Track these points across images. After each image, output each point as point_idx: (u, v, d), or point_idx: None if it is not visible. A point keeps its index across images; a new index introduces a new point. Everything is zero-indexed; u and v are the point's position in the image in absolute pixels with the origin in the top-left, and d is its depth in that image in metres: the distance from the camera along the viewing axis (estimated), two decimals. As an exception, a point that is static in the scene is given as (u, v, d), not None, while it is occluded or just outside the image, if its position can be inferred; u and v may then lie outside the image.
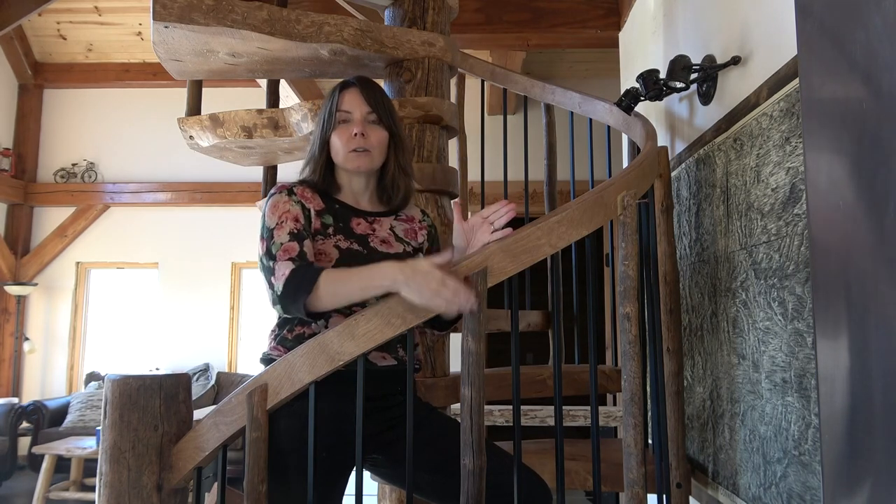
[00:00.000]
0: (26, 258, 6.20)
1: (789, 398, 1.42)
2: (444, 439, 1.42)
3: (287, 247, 1.34)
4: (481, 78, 2.70)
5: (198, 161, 5.53)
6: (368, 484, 1.66)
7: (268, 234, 1.37)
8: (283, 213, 1.39)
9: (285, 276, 1.30)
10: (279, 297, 1.30)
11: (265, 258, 1.35)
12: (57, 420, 5.38)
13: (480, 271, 1.28)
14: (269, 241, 1.36)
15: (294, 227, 1.38)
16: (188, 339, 6.09)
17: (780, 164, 1.46)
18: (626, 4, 3.17)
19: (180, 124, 2.29)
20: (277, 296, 1.30)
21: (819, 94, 0.84)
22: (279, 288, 1.30)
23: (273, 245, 1.35)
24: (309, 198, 1.44)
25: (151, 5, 1.86)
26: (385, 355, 1.44)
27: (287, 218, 1.38)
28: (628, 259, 1.47)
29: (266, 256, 1.35)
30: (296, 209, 1.41)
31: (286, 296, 1.29)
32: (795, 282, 1.38)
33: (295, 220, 1.39)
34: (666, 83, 1.94)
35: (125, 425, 1.37)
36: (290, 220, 1.38)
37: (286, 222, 1.38)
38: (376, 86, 1.52)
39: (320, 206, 1.45)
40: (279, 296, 1.30)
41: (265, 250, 1.36)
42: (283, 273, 1.30)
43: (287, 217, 1.38)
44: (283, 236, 1.36)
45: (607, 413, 3.37)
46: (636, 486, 1.42)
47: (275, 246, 1.35)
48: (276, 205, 1.41)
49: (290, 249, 1.34)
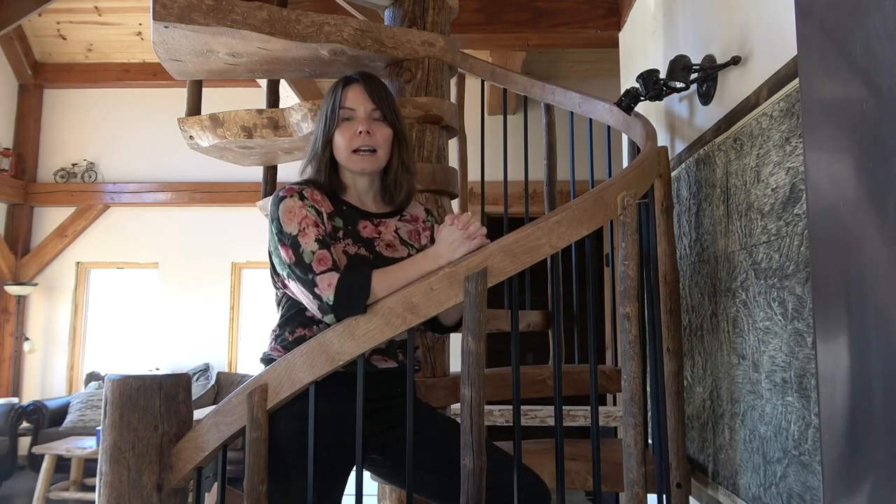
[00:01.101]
0: (26, 258, 6.20)
1: (789, 398, 1.42)
2: (445, 439, 1.42)
3: (320, 256, 1.32)
4: (481, 78, 2.70)
5: (198, 161, 5.53)
6: (368, 484, 1.66)
7: (292, 242, 1.34)
8: (302, 218, 1.36)
9: (333, 287, 1.29)
10: (332, 307, 1.29)
11: (297, 269, 1.32)
12: (57, 420, 5.38)
13: (480, 271, 1.29)
14: (295, 249, 1.33)
15: (318, 233, 1.35)
16: (188, 339, 6.09)
17: (780, 164, 1.46)
18: (626, 4, 3.17)
19: (180, 124, 2.29)
20: (329, 306, 1.29)
21: (819, 94, 0.84)
22: (330, 298, 1.29)
23: (304, 254, 1.33)
24: (319, 200, 1.42)
25: (151, 5, 1.86)
26: (385, 358, 1.44)
27: (308, 224, 1.36)
28: (628, 259, 1.47)
29: (299, 268, 1.32)
30: (313, 214, 1.38)
31: (341, 305, 1.29)
32: (795, 282, 1.38)
33: (316, 226, 1.37)
34: (666, 83, 1.94)
35: (125, 425, 1.37)
36: (312, 226, 1.36)
37: (308, 228, 1.35)
38: (379, 82, 1.50)
39: (330, 209, 1.44)
40: (332, 306, 1.29)
41: (295, 260, 1.33)
42: (329, 284, 1.29)
43: (307, 223, 1.36)
44: (311, 244, 1.33)
45: (607, 413, 3.37)
46: (636, 486, 1.42)
47: (307, 255, 1.32)
48: (292, 210, 1.37)
49: (325, 259, 1.32)
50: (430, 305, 1.29)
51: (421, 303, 1.29)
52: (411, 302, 1.28)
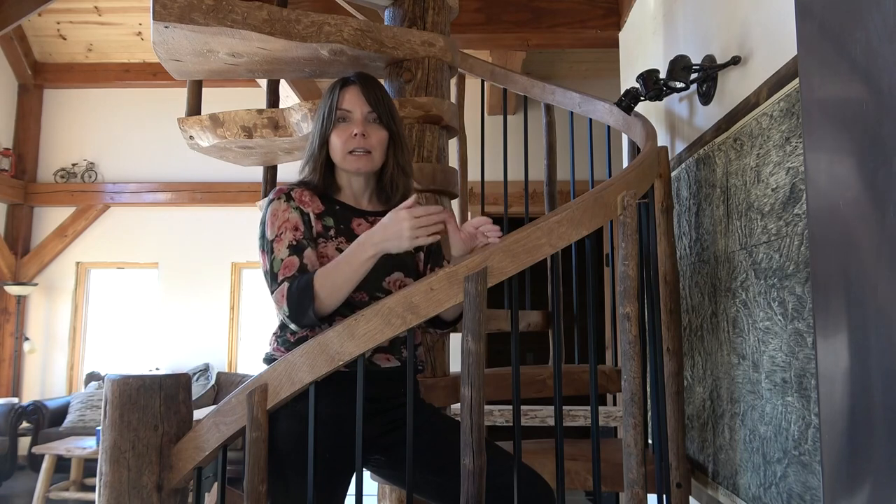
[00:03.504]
0: (26, 258, 6.20)
1: (789, 398, 1.42)
2: (447, 441, 1.42)
3: (287, 262, 1.34)
4: (481, 78, 2.70)
5: (198, 161, 5.54)
6: (368, 484, 1.67)
7: (268, 248, 1.37)
8: (282, 222, 1.38)
9: (285, 296, 1.31)
10: (289, 317, 1.32)
11: (268, 277, 1.35)
12: (57, 420, 5.38)
13: (480, 271, 1.29)
14: (269, 256, 1.36)
15: (293, 237, 1.37)
16: (188, 339, 6.09)
17: (780, 164, 1.46)
18: (626, 4, 3.17)
19: (180, 124, 2.29)
20: (287, 316, 1.32)
21: (819, 94, 0.84)
22: (286, 309, 1.31)
23: (274, 262, 1.35)
24: (307, 202, 1.43)
25: (151, 5, 1.86)
26: (389, 356, 1.44)
27: (286, 228, 1.38)
28: (628, 259, 1.47)
29: (269, 276, 1.35)
30: (294, 216, 1.40)
31: (294, 313, 1.30)
32: (795, 282, 1.38)
33: (294, 230, 1.38)
34: (666, 83, 1.94)
35: (125, 425, 1.37)
36: (290, 231, 1.38)
37: (285, 233, 1.37)
38: (377, 83, 1.50)
39: (320, 209, 1.44)
40: (289, 316, 1.31)
41: (268, 268, 1.36)
42: (282, 294, 1.31)
43: (286, 227, 1.38)
44: (282, 251, 1.35)
45: (607, 413, 3.37)
46: (636, 486, 1.42)
47: (276, 263, 1.35)
48: (276, 213, 1.40)
49: (290, 265, 1.34)
50: (430, 305, 1.29)
51: (421, 303, 1.29)
52: (411, 302, 1.28)
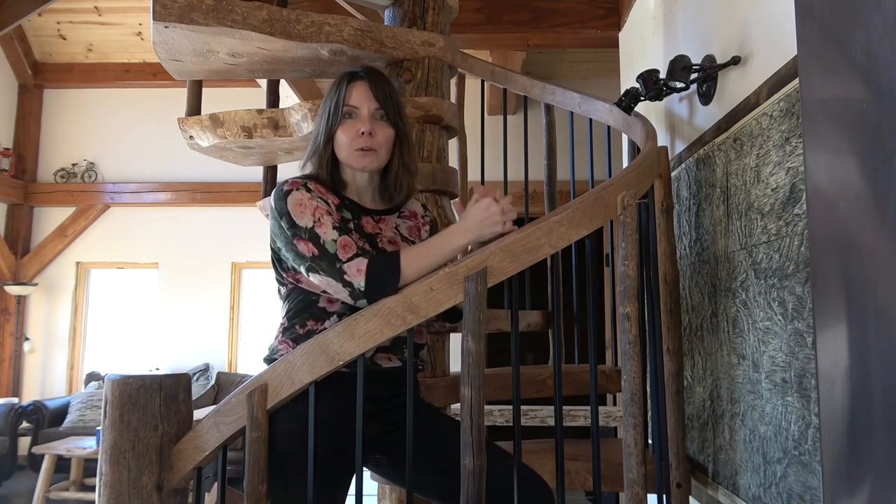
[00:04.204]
0: (26, 258, 6.20)
1: (789, 398, 1.42)
2: (448, 441, 1.42)
3: (343, 242, 1.32)
4: (481, 78, 2.70)
5: (198, 161, 5.53)
6: (368, 484, 1.67)
7: (310, 235, 1.32)
8: (314, 209, 1.35)
9: (363, 272, 1.29)
10: (364, 293, 1.29)
11: (322, 261, 1.31)
12: (57, 420, 5.38)
13: (480, 271, 1.29)
14: (315, 241, 1.32)
15: (333, 221, 1.35)
16: (188, 339, 6.09)
17: (780, 164, 1.46)
18: (626, 4, 3.17)
19: (180, 124, 2.29)
20: (361, 291, 1.29)
21: (819, 94, 0.84)
22: (361, 284, 1.29)
23: (326, 245, 1.31)
24: (325, 192, 1.42)
25: (151, 5, 1.86)
26: (391, 356, 1.43)
27: (321, 213, 1.35)
28: (628, 259, 1.47)
29: (324, 259, 1.31)
30: (323, 204, 1.37)
31: (373, 289, 1.29)
32: (795, 282, 1.38)
33: (329, 214, 1.36)
34: (666, 83, 1.94)
35: (125, 425, 1.37)
36: (326, 215, 1.35)
37: (323, 217, 1.34)
38: (385, 78, 1.47)
39: (336, 201, 1.43)
40: (363, 291, 1.29)
41: (318, 252, 1.31)
42: (358, 269, 1.29)
43: (321, 212, 1.35)
44: (331, 233, 1.32)
45: (607, 413, 3.37)
46: (636, 486, 1.42)
47: (329, 245, 1.31)
48: (302, 202, 1.35)
49: (348, 244, 1.32)
50: (430, 305, 1.29)
51: (421, 303, 1.29)
52: (411, 302, 1.28)
